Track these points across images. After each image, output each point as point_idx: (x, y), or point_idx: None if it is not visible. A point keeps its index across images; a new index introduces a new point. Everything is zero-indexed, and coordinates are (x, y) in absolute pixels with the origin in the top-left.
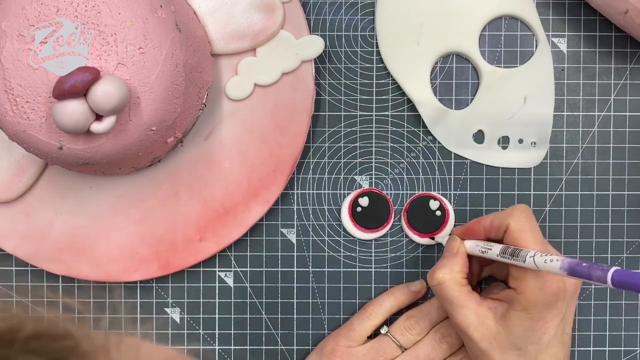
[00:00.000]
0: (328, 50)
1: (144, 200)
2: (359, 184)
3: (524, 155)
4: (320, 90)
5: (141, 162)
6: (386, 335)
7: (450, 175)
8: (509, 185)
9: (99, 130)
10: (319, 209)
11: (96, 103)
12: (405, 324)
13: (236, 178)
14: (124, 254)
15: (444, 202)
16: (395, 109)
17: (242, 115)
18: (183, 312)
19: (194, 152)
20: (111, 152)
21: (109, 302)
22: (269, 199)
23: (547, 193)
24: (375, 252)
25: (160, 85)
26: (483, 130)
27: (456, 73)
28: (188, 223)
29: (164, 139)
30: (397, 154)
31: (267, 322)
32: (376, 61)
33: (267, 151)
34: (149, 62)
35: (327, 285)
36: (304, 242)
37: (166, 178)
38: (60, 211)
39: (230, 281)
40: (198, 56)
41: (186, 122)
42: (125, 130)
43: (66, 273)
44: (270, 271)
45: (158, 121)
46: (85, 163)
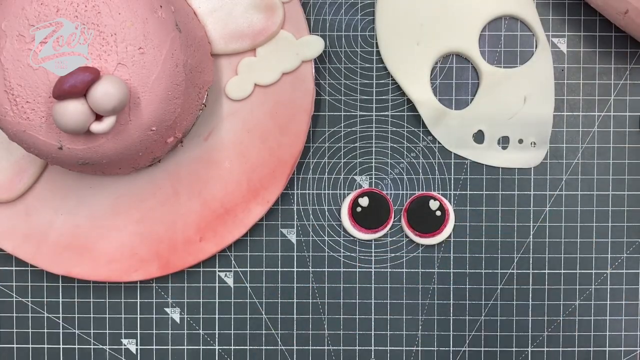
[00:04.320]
0: (328, 50)
1: (143, 200)
2: (358, 184)
3: (524, 156)
4: (320, 90)
5: (141, 162)
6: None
7: (450, 175)
8: (509, 185)
9: (98, 131)
10: (319, 209)
11: (96, 103)
12: None
13: (236, 178)
14: (124, 254)
15: (444, 202)
16: (395, 109)
17: (242, 115)
18: (183, 312)
19: (194, 152)
20: (111, 152)
21: (109, 302)
22: (269, 199)
23: (547, 193)
24: (375, 252)
25: (160, 86)
26: (483, 130)
27: (456, 73)
28: (188, 223)
29: (164, 139)
30: (397, 154)
31: (267, 322)
32: (376, 61)
33: (267, 151)
34: (149, 62)
35: (327, 285)
36: (304, 242)
37: (166, 178)
38: (60, 211)
39: (230, 281)
40: (198, 56)
41: (186, 122)
42: (125, 130)
43: (66, 273)
44: (270, 271)
45: (158, 121)
46: (85, 163)
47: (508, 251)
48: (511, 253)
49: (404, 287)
